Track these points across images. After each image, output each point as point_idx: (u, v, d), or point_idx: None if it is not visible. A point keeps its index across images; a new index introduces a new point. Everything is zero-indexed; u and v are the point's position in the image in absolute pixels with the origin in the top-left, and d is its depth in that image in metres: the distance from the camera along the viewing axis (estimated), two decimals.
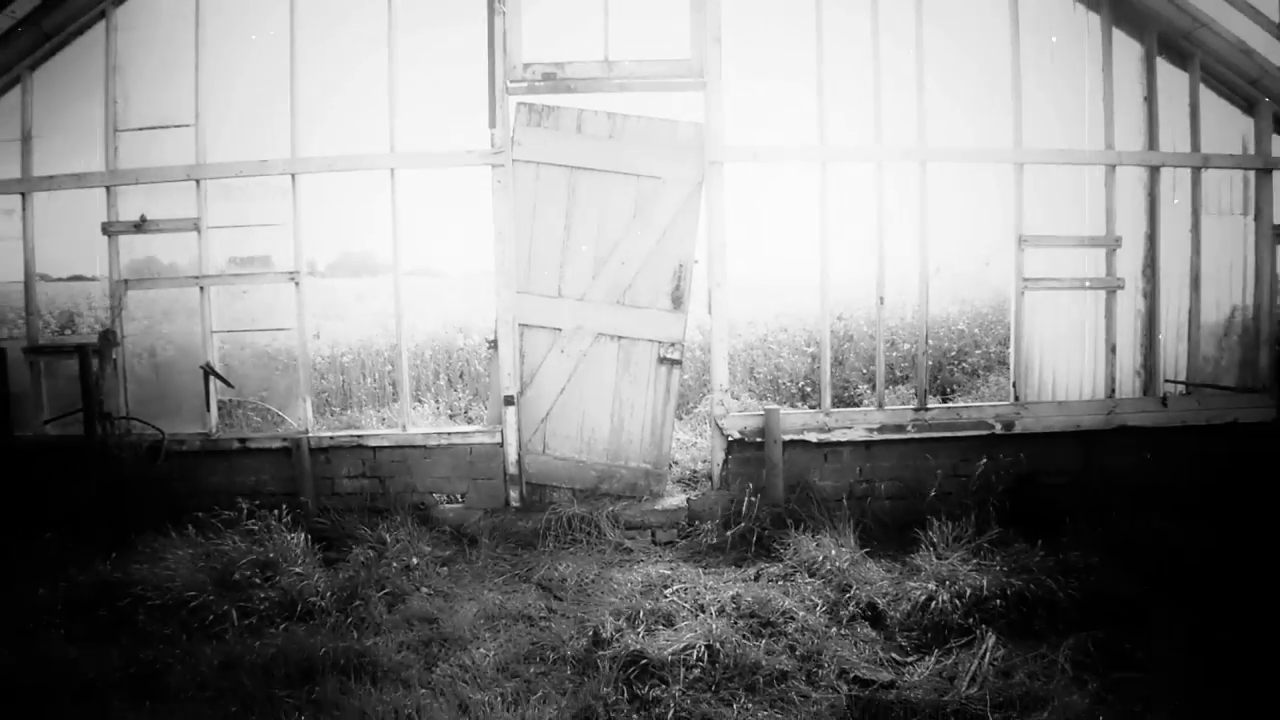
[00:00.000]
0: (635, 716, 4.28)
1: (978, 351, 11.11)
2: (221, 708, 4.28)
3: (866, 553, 6.22)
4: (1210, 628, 4.99)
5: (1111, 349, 7.37)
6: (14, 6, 6.88)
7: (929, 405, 7.33)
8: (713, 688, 4.54)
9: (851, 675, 4.73)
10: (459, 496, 7.19)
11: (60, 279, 8.02)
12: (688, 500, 7.19)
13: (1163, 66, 7.44)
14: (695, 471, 8.11)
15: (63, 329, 9.54)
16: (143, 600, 5.33)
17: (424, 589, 5.79)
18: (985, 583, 5.38)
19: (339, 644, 4.75)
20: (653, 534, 6.92)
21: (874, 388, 7.85)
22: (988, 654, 4.86)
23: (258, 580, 5.57)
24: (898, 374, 10.69)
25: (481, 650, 4.95)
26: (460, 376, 11.74)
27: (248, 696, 4.34)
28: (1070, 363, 7.72)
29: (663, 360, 7.21)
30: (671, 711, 4.30)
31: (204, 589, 5.41)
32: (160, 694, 4.45)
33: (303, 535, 6.16)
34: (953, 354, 11.20)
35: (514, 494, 7.19)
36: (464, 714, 4.18)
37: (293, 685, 4.46)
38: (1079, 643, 4.89)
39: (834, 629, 5.21)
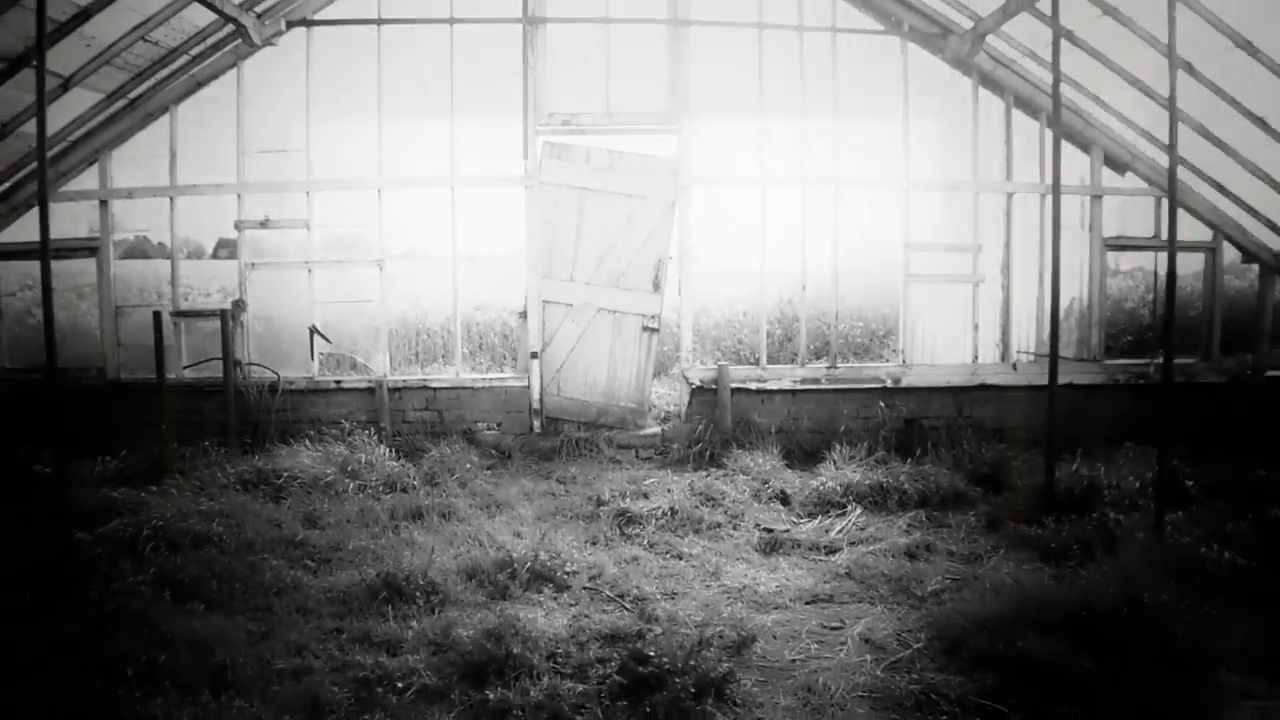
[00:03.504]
0: (623, 542, 6.92)
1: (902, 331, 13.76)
2: (366, 529, 6.90)
3: (787, 465, 8.88)
4: (1003, 505, 7.62)
5: (975, 326, 10.05)
6: (175, 64, 9.42)
7: (838, 365, 10.01)
8: (673, 529, 7.18)
9: (763, 526, 7.36)
10: (496, 425, 9.83)
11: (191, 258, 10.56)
12: (662, 430, 9.87)
13: (1020, 118, 10.07)
14: (668, 412, 10.71)
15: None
16: (290, 480, 7.94)
17: (478, 480, 8.40)
18: (859, 478, 8.05)
19: (433, 500, 7.42)
20: (636, 452, 9.59)
21: (813, 353, 10.40)
22: (853, 518, 7.51)
23: (364, 471, 8.18)
24: (837, 346, 13.27)
25: (523, 509, 7.58)
26: (480, 347, 14.21)
27: (381, 525, 6.98)
28: (946, 335, 10.33)
29: (645, 329, 9.83)
30: (646, 539, 6.94)
31: (329, 473, 8.02)
32: (321, 526, 7.05)
33: (385, 448, 8.79)
34: (881, 334, 13.81)
35: (536, 423, 9.85)
36: (517, 536, 6.76)
37: (408, 520, 7.09)
38: (915, 515, 7.57)
39: (755, 503, 7.86)
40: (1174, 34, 6.34)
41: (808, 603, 5.91)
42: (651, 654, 4.60)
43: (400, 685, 4.46)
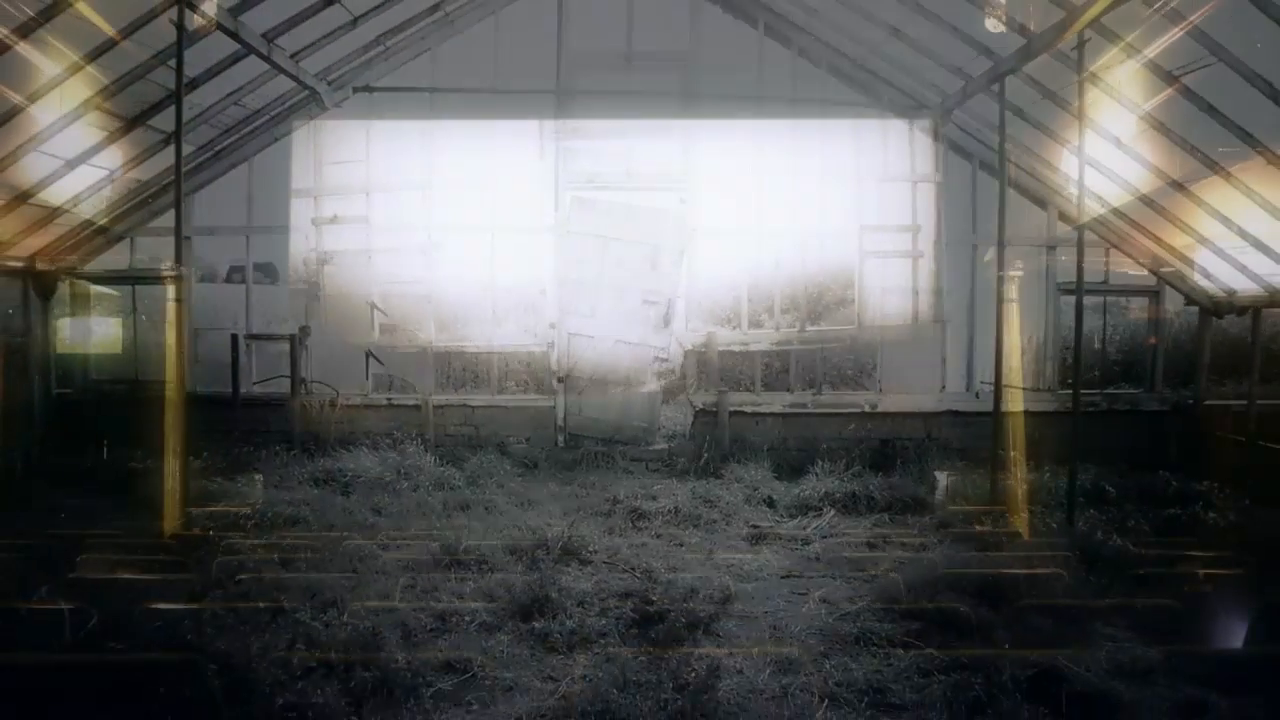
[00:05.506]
0: (635, 532, 8.36)
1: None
2: (423, 517, 8.37)
3: (775, 477, 10.31)
4: (954, 509, 9.04)
5: (943, 360, 11.50)
6: (256, 123, 11.04)
7: (823, 393, 11.47)
8: (676, 524, 8.63)
9: (751, 523, 8.78)
10: (525, 440, 11.31)
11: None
12: (669, 446, 11.34)
13: (984, 178, 11.55)
14: (675, 432, 12.16)
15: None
16: (355, 479, 9.45)
17: (512, 483, 9.87)
18: (836, 487, 9.49)
19: (477, 496, 8.92)
20: (646, 464, 11.04)
21: (806, 382, 11.83)
22: (827, 518, 8.93)
23: (415, 473, 9.65)
24: (825, 376, 14.73)
25: (551, 506, 9.05)
26: (505, 373, 15.69)
27: (436, 513, 8.47)
28: (918, 367, 11.74)
29: (655, 358, 11.32)
30: (654, 531, 8.39)
31: (386, 474, 9.51)
32: (385, 514, 8.53)
33: (430, 456, 10.28)
34: (870, 367, 15.26)
35: (560, 439, 11.34)
36: (548, 525, 8.19)
37: (458, 511, 8.58)
38: (880, 517, 9.01)
39: (746, 506, 9.30)
40: (1084, 106, 8.17)
41: (782, 577, 7.33)
42: (655, 599, 6.10)
43: (467, 619, 5.94)
